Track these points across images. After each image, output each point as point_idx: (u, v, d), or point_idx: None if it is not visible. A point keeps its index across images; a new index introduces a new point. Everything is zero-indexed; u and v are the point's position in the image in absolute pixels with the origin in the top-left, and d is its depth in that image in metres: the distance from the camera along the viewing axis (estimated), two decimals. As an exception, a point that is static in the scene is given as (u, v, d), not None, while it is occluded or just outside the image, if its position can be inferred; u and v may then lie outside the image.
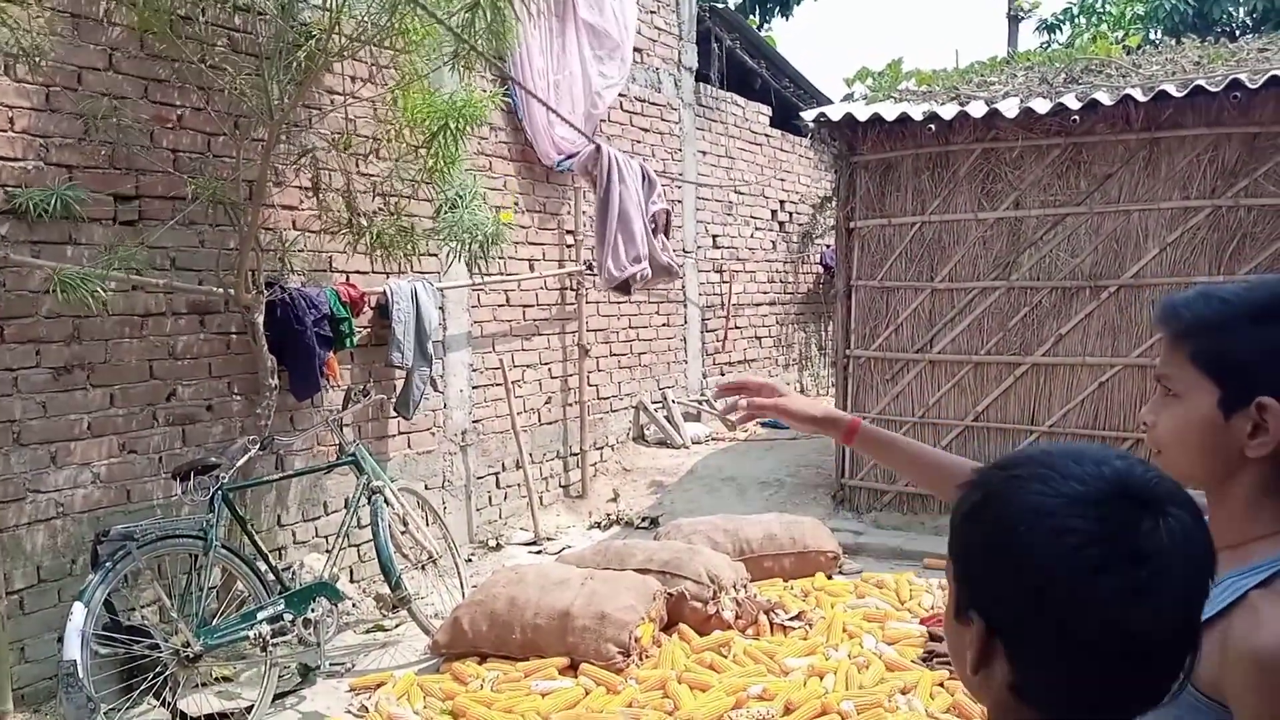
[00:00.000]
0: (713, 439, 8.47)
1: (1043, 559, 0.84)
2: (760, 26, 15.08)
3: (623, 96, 7.63)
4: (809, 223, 10.78)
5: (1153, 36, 14.71)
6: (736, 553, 5.28)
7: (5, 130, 3.87)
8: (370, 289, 5.32)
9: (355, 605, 5.17)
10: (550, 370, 7.09)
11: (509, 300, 6.64)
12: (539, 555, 6.22)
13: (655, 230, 6.70)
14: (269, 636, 3.96)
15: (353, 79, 5.25)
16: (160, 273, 4.37)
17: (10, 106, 3.88)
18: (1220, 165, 5.61)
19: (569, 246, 7.16)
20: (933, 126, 6.14)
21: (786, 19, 17.22)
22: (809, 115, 6.66)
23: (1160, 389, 1.27)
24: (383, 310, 5.38)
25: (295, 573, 4.70)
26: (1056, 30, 18.17)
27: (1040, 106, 5.81)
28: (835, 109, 6.59)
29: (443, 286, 5.88)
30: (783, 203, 10.33)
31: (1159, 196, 5.77)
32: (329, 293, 4.96)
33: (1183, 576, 0.85)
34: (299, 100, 4.49)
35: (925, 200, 6.37)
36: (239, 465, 4.19)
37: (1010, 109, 5.89)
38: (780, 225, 10.33)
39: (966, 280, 6.31)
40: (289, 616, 4.10)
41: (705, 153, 8.98)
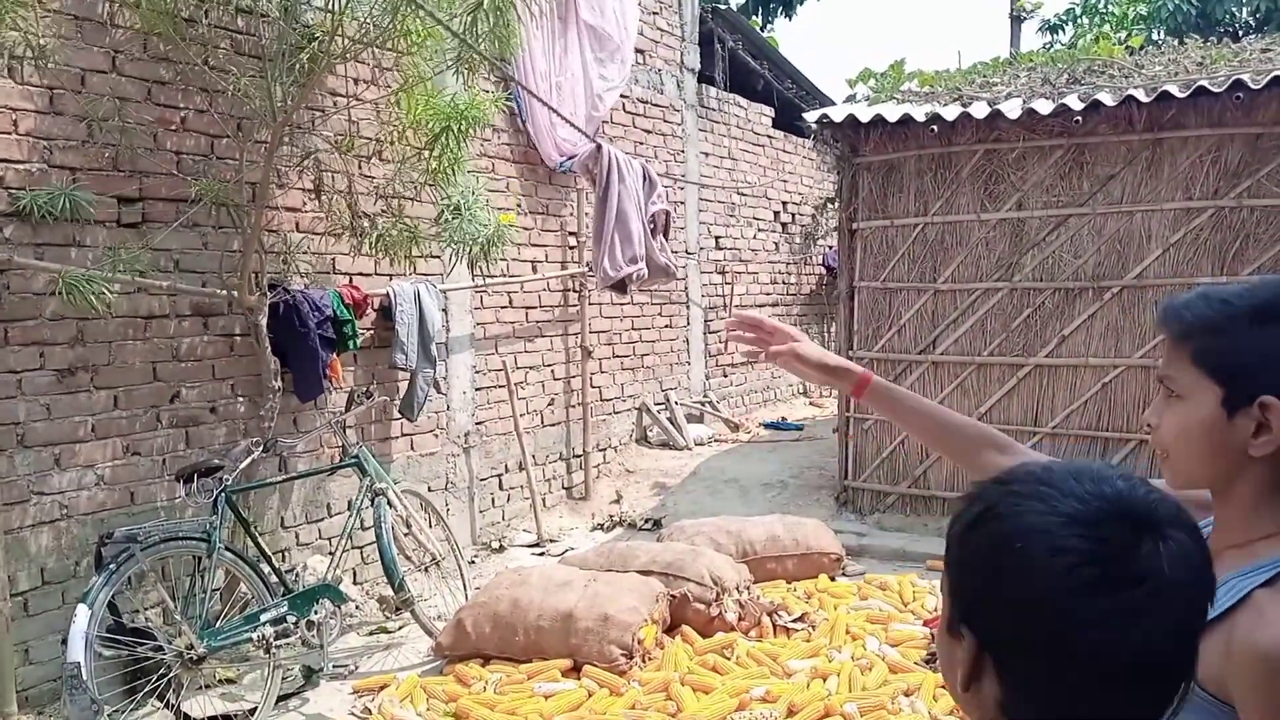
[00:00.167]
0: (715, 440, 8.47)
1: (1038, 577, 0.82)
2: (763, 27, 15.08)
3: (625, 98, 7.63)
4: (811, 224, 10.78)
5: (1155, 37, 14.67)
6: (739, 554, 5.27)
7: (9, 132, 3.88)
8: (373, 291, 5.32)
9: (358, 607, 5.17)
10: (553, 372, 7.09)
11: (512, 302, 6.65)
12: (542, 557, 6.21)
13: (654, 231, 6.67)
14: (272, 638, 3.96)
15: (355, 81, 5.25)
16: (164, 275, 4.37)
17: (14, 109, 3.89)
18: (1223, 166, 5.60)
19: (572, 248, 7.16)
20: (935, 127, 6.14)
21: (790, 19, 17.25)
22: (811, 116, 6.65)
23: (1163, 390, 1.27)
24: (386, 312, 5.38)
25: (298, 575, 4.69)
26: (1059, 31, 18.14)
27: (1043, 107, 5.80)
28: (838, 110, 6.59)
29: (446, 288, 5.88)
30: (785, 204, 10.33)
31: (1162, 197, 5.76)
32: (332, 294, 4.96)
33: (1180, 600, 0.83)
34: (302, 102, 4.50)
35: (928, 201, 6.37)
36: (242, 467, 4.21)
37: (1013, 110, 5.88)
38: (783, 226, 10.33)
39: (969, 281, 6.30)
40: (292, 618, 4.10)
41: (708, 154, 8.98)
